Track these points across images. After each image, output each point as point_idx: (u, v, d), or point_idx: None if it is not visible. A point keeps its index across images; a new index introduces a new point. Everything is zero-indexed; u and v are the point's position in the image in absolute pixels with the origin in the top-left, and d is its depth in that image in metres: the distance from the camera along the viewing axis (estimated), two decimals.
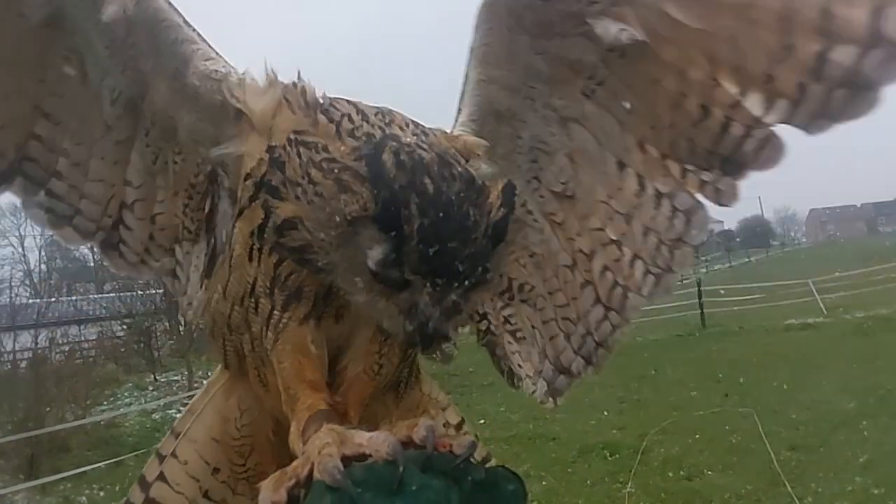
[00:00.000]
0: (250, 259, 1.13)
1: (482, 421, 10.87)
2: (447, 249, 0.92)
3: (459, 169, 0.97)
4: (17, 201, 1.42)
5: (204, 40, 1.25)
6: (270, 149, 1.08)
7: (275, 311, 1.14)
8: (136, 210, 1.41)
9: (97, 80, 1.33)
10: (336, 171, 0.98)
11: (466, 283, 0.95)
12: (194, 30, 1.24)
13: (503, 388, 1.53)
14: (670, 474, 7.77)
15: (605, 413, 10.51)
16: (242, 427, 1.34)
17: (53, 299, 26.55)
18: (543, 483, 7.97)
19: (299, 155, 1.04)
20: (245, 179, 1.11)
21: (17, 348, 17.53)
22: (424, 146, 0.99)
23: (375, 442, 0.98)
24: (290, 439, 1.11)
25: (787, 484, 6.84)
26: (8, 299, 23.36)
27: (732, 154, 1.22)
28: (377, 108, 1.13)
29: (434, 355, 1.36)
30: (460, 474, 0.97)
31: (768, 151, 1.21)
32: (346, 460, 0.95)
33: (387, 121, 1.09)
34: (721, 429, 8.96)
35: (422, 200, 0.91)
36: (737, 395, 10.41)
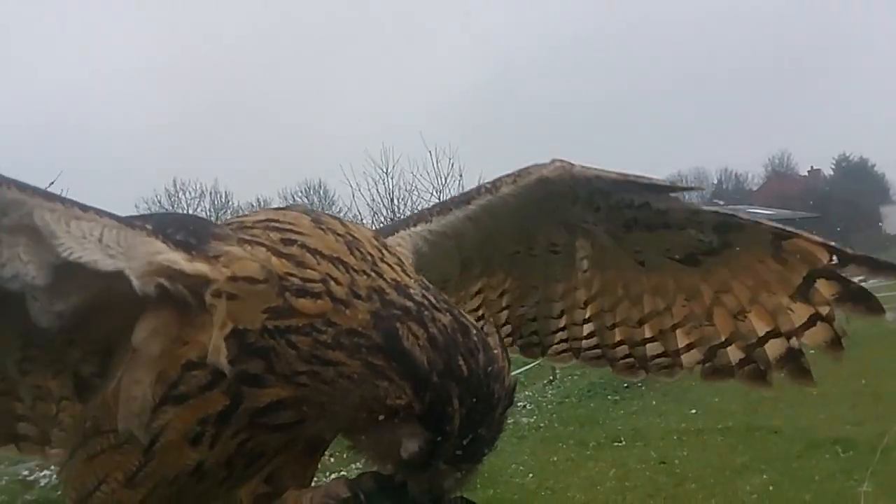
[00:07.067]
0: (195, 444, 1.08)
1: (693, 411, 10.41)
2: (478, 437, 0.98)
3: (475, 332, 1.01)
4: None
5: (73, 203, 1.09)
6: (238, 333, 1.02)
7: (234, 474, 1.14)
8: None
9: None
10: (364, 350, 0.97)
11: (486, 457, 1.02)
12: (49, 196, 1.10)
13: None
14: None
15: (838, 406, 9.52)
16: None
17: None
18: (764, 476, 7.47)
19: (294, 346, 1.00)
20: (191, 368, 1.05)
21: None
22: (435, 303, 1.02)
23: (331, 488, 1.09)
24: None
25: None
26: None
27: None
28: (340, 237, 1.08)
29: None
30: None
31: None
32: None
33: (369, 259, 1.06)
34: None
35: (461, 388, 0.96)
36: None
